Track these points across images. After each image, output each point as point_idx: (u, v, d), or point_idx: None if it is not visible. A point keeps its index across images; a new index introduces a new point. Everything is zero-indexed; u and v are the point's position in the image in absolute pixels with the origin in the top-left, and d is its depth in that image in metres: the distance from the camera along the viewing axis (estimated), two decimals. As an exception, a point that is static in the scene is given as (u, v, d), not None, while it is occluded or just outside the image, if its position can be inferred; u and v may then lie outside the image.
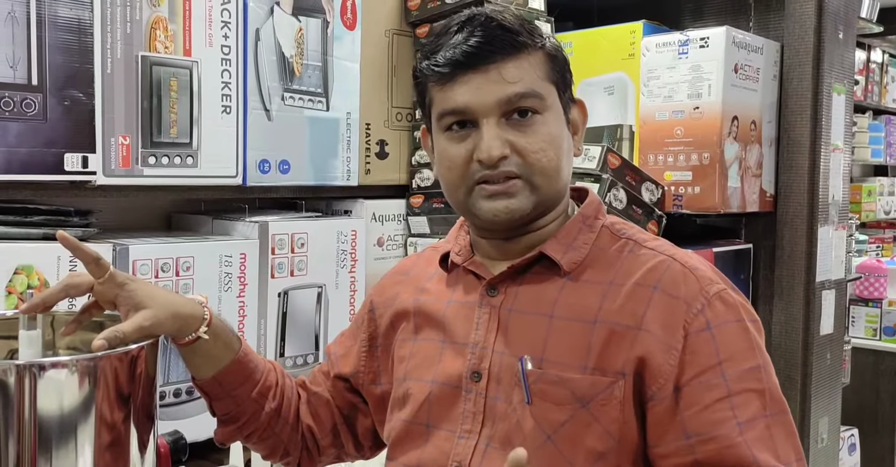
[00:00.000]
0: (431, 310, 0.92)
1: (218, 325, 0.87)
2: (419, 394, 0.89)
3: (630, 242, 0.86)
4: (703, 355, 0.79)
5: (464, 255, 0.92)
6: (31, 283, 1.28)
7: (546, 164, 0.83)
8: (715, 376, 0.78)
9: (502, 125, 0.82)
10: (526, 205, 0.84)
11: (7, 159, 1.27)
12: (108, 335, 0.75)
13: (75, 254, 0.84)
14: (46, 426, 0.71)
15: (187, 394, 1.49)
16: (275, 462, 0.99)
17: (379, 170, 1.85)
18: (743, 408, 0.78)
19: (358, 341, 1.01)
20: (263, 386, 0.92)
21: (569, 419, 0.80)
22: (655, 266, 0.82)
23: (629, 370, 0.79)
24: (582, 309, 0.82)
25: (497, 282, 0.87)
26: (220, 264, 1.53)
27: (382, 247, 1.87)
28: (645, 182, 1.60)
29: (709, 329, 0.79)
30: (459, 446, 0.84)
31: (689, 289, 0.81)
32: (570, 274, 0.84)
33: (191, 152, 1.50)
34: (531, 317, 0.84)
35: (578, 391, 0.80)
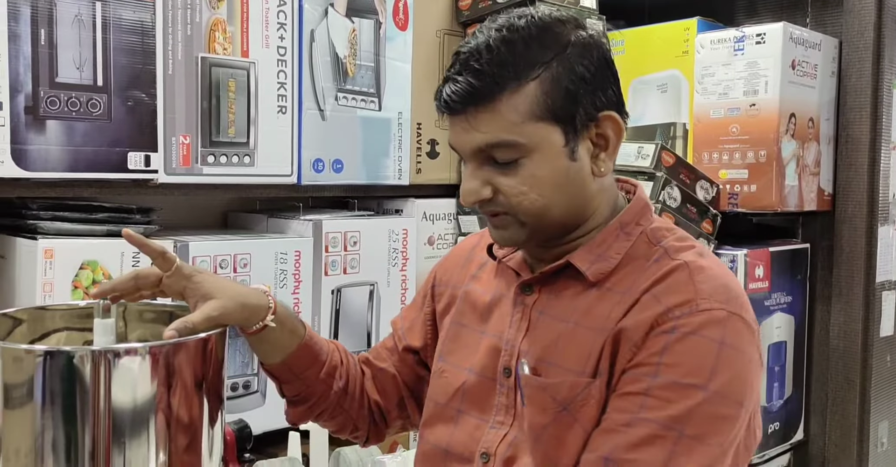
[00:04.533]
0: (476, 298, 0.94)
1: (283, 313, 0.89)
2: (455, 380, 0.91)
3: (661, 250, 0.84)
4: (649, 351, 0.77)
5: (507, 249, 0.93)
6: (95, 278, 1.32)
7: (528, 207, 0.82)
8: (647, 372, 0.76)
9: (484, 167, 0.82)
10: (519, 235, 0.84)
11: (74, 158, 1.31)
12: (178, 325, 0.77)
13: (142, 250, 0.86)
14: (120, 411, 0.73)
15: (244, 388, 1.52)
16: (344, 436, 1.02)
17: (430, 170, 1.86)
18: (647, 410, 0.75)
19: (422, 314, 1.03)
20: (329, 366, 0.94)
21: (551, 422, 0.81)
22: (665, 274, 0.81)
23: (604, 368, 0.79)
24: (596, 317, 0.82)
25: (531, 282, 0.88)
26: (275, 261, 1.56)
27: (433, 246, 1.88)
28: (700, 180, 1.58)
29: (672, 332, 0.76)
30: (490, 434, 0.86)
31: (680, 298, 0.78)
32: (597, 283, 0.84)
33: (248, 151, 1.53)
34: (555, 323, 0.84)
35: (559, 395, 0.80)
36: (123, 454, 0.73)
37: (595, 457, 0.76)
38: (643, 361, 0.77)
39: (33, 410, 0.72)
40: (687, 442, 0.74)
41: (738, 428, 0.77)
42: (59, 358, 0.71)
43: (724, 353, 0.76)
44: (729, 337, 0.77)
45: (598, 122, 0.83)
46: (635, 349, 0.78)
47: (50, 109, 1.28)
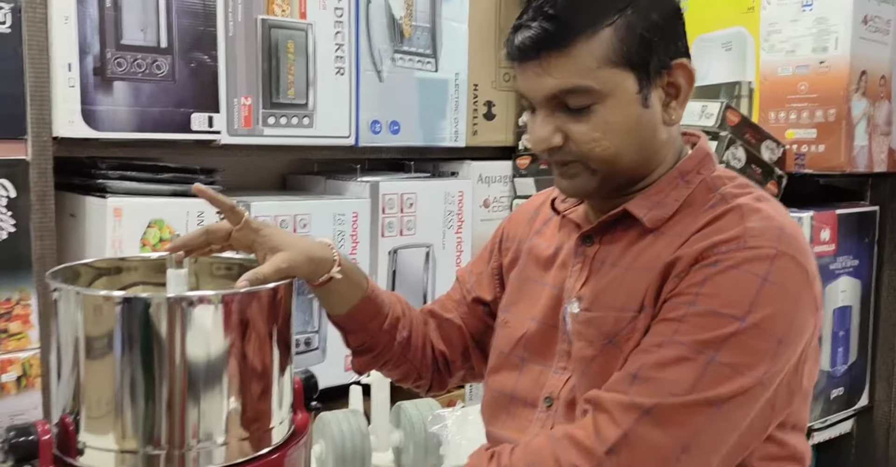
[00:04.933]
0: (540, 252, 0.96)
1: (347, 266, 0.91)
2: (518, 330, 0.93)
3: (718, 196, 0.83)
4: (690, 282, 0.76)
5: (569, 203, 0.94)
6: (162, 237, 1.36)
7: (600, 154, 0.81)
8: (685, 301, 0.76)
9: (556, 114, 0.82)
10: (589, 185, 0.84)
11: (140, 118, 1.34)
12: (249, 276, 0.79)
13: (212, 204, 0.88)
14: (195, 357, 0.75)
15: (305, 345, 1.55)
16: (407, 385, 1.05)
17: (486, 132, 1.85)
18: (680, 334, 0.75)
19: (489, 268, 1.04)
20: (393, 317, 0.97)
21: (598, 354, 0.82)
22: (718, 216, 0.80)
23: (649, 302, 0.80)
24: (647, 259, 0.82)
25: (591, 233, 0.89)
26: (333, 222, 1.58)
27: (489, 209, 1.88)
28: (765, 140, 1.54)
29: (714, 265, 0.76)
30: (553, 379, 0.88)
31: (730, 234, 0.77)
32: (654, 230, 0.84)
33: (307, 113, 1.54)
34: (614, 269, 0.85)
35: (604, 328, 0.82)
36: (198, 400, 0.76)
37: (623, 374, 0.77)
38: (683, 291, 0.77)
39: (113, 357, 0.75)
40: (718, 367, 0.73)
41: (780, 365, 0.76)
42: (137, 304, 0.73)
43: (767, 289, 0.75)
44: (774, 274, 0.75)
45: (671, 71, 0.83)
46: (677, 280, 0.78)
47: (117, 70, 1.31)
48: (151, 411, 0.75)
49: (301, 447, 0.86)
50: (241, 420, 0.78)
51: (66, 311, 0.76)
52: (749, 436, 0.77)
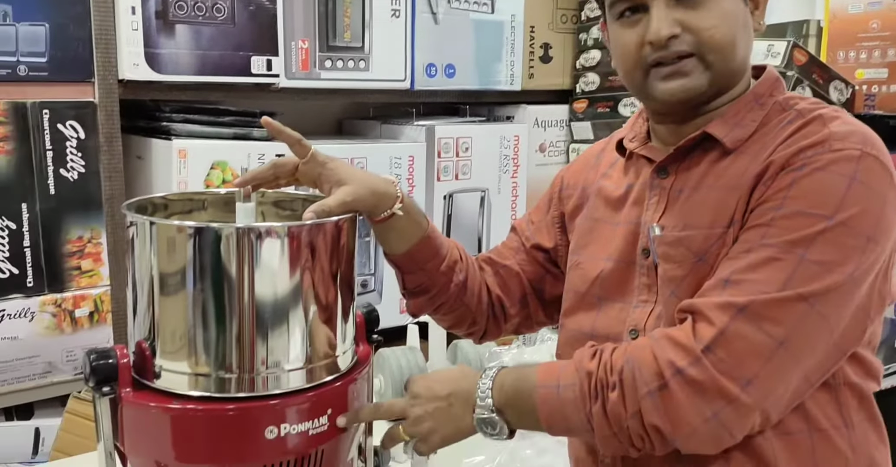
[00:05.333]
0: (610, 194, 0.95)
1: (408, 203, 0.91)
2: (592, 270, 0.93)
3: (794, 112, 0.83)
4: (776, 187, 0.76)
5: (638, 141, 0.94)
6: (225, 178, 1.39)
7: (720, 40, 0.81)
8: (772, 206, 0.76)
9: (671, 5, 0.82)
10: (701, 83, 0.83)
11: (201, 62, 1.36)
12: (315, 208, 0.80)
13: (280, 137, 0.89)
14: (262, 287, 0.77)
15: (362, 287, 1.59)
16: (461, 331, 1.05)
17: (542, 75, 1.83)
18: (768, 237, 0.75)
19: (549, 217, 1.04)
20: (450, 260, 0.97)
21: (688, 273, 0.82)
22: (800, 126, 0.80)
23: (738, 216, 0.80)
24: (732, 177, 0.82)
25: (667, 163, 0.88)
26: (390, 166, 1.59)
27: (544, 153, 1.87)
28: (833, 80, 1.49)
29: (801, 169, 0.76)
30: (636, 313, 0.88)
31: (815, 139, 0.77)
32: (733, 151, 0.84)
33: (363, 56, 1.55)
34: (694, 194, 0.85)
35: (693, 246, 0.82)
36: (266, 327, 0.78)
37: (715, 281, 0.77)
38: (770, 197, 0.77)
39: (185, 285, 0.77)
40: (809, 265, 0.73)
41: (870, 262, 0.76)
42: (208, 233, 0.76)
43: (855, 188, 0.75)
44: (861, 174, 0.75)
45: None
46: (764, 188, 0.78)
47: (178, 14, 1.33)
48: (222, 338, 0.78)
49: (364, 377, 0.89)
50: (306, 348, 0.81)
51: (141, 242, 0.80)
52: (844, 340, 0.78)
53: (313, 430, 0.81)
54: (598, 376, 0.77)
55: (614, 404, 0.76)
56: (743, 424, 0.75)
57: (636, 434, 0.76)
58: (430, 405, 0.84)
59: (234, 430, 0.78)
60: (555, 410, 0.79)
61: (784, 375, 0.74)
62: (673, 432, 0.74)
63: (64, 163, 1.27)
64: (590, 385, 0.77)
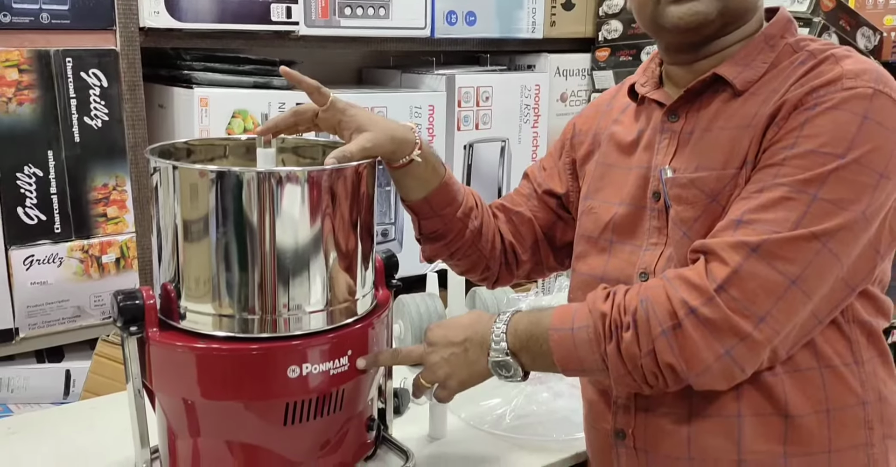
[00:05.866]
0: (621, 139, 0.96)
1: (427, 150, 0.92)
2: (604, 214, 0.94)
3: (806, 53, 0.83)
4: (789, 127, 0.77)
5: (650, 86, 0.94)
6: (246, 127, 1.40)
7: None
8: (784, 145, 0.76)
9: None
10: (711, 9, 0.82)
11: (221, 9, 1.35)
12: (336, 154, 0.82)
13: (299, 86, 0.90)
14: (283, 231, 0.79)
15: (382, 236, 1.60)
16: (474, 277, 1.07)
17: (564, 22, 1.81)
18: (781, 177, 0.75)
19: (561, 163, 1.05)
20: (466, 206, 0.99)
21: (701, 214, 0.82)
22: (813, 66, 0.80)
23: (751, 157, 0.80)
24: (743, 117, 0.82)
25: (677, 107, 0.89)
26: (410, 115, 1.59)
27: (566, 103, 1.85)
28: (861, 27, 1.46)
29: (813, 108, 0.76)
30: (646, 255, 0.89)
31: (828, 77, 0.77)
32: (744, 92, 0.84)
33: (383, 3, 1.53)
34: (706, 135, 0.85)
35: (706, 187, 0.82)
36: (287, 270, 0.80)
37: (727, 221, 0.78)
38: (782, 137, 0.77)
39: (208, 229, 0.79)
40: (821, 204, 0.74)
41: (884, 199, 0.77)
42: (230, 177, 0.77)
43: (867, 126, 0.75)
44: (873, 112, 0.75)
45: None
46: (777, 128, 0.78)
47: (197, -41, 1.32)
48: (245, 280, 0.80)
49: (383, 320, 0.91)
50: (327, 291, 0.83)
51: (164, 188, 0.81)
52: (853, 277, 0.79)
53: (334, 370, 0.83)
54: (612, 317, 0.79)
55: (629, 344, 0.77)
56: (754, 360, 0.77)
57: (650, 372, 0.77)
58: (446, 351, 0.87)
59: (258, 369, 0.81)
60: (569, 352, 0.81)
61: (795, 312, 0.76)
62: (687, 370, 0.76)
63: (88, 112, 1.29)
64: (604, 325, 0.79)
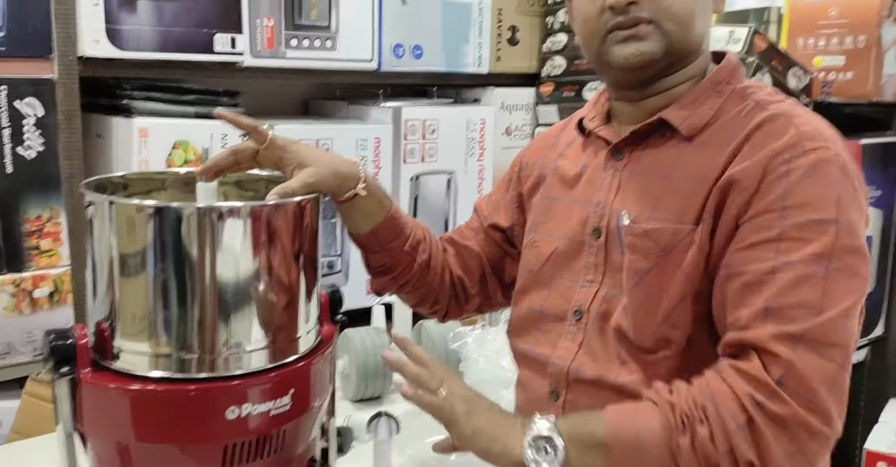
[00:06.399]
0: (566, 172, 0.97)
1: (372, 184, 0.92)
2: (546, 248, 0.94)
3: (752, 103, 0.85)
4: (772, 196, 0.77)
5: (598, 121, 0.95)
6: (187, 158, 1.38)
7: (677, 11, 0.83)
8: (774, 218, 0.76)
9: None
10: (656, 48, 0.84)
11: (164, 38, 1.34)
12: (278, 190, 0.80)
13: (236, 127, 0.89)
14: (224, 268, 0.77)
15: (328, 268, 1.58)
16: (423, 310, 1.07)
17: (509, 58, 1.83)
18: (789, 253, 0.75)
19: (508, 196, 1.06)
20: (414, 239, 0.98)
21: (654, 266, 0.83)
22: (763, 121, 0.82)
23: (708, 215, 0.81)
24: (694, 169, 0.83)
25: (622, 146, 0.90)
26: (356, 147, 1.58)
27: (510, 136, 1.88)
28: (792, 67, 1.52)
29: (787, 176, 0.77)
30: (581, 293, 0.89)
31: (784, 141, 0.79)
32: (689, 138, 0.85)
33: (329, 35, 1.53)
34: (649, 179, 0.87)
35: (661, 240, 0.83)
36: (228, 307, 0.78)
37: (753, 312, 0.76)
38: (766, 208, 0.77)
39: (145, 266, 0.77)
40: (836, 275, 0.75)
41: (868, 260, 0.79)
42: (168, 213, 0.75)
43: (843, 187, 0.78)
44: (842, 171, 0.79)
45: None
46: (749, 197, 0.78)
47: (139, -11, 1.30)
48: (183, 318, 0.77)
49: (327, 357, 0.89)
50: (268, 328, 0.81)
51: (100, 222, 0.79)
52: None
53: (275, 410, 0.81)
54: (682, 409, 0.75)
55: (703, 439, 0.73)
56: (825, 454, 0.76)
57: None
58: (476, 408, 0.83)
59: (195, 410, 0.78)
60: (627, 443, 0.76)
61: (846, 393, 0.76)
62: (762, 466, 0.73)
63: (21, 142, 1.25)
64: (674, 417, 0.75)
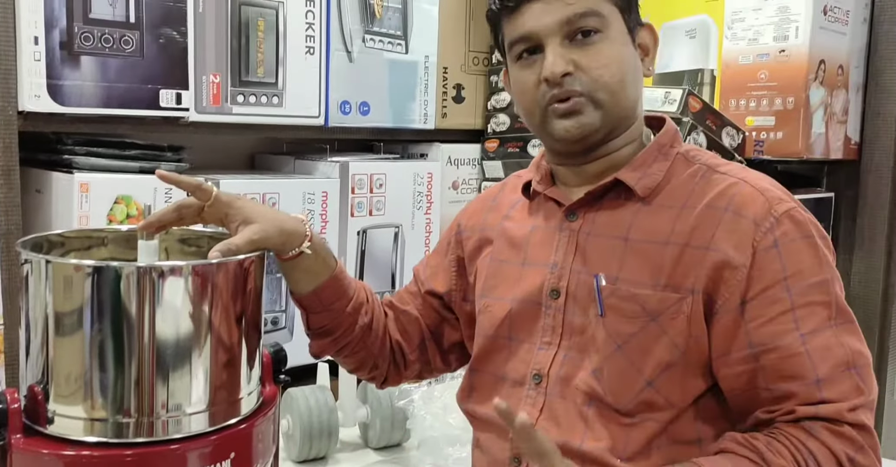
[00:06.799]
0: (514, 234, 0.97)
1: (318, 242, 0.91)
2: (499, 311, 0.94)
3: (703, 167, 0.89)
4: (770, 271, 0.81)
5: (544, 183, 0.97)
6: (129, 213, 1.35)
7: (608, 80, 0.86)
8: (780, 291, 0.81)
9: (566, 45, 0.86)
10: (594, 120, 0.87)
11: (107, 94, 1.33)
12: (221, 247, 0.80)
13: (178, 187, 0.88)
14: (164, 328, 0.76)
15: (272, 324, 1.56)
16: (363, 375, 1.05)
17: (455, 114, 1.87)
18: (806, 320, 0.81)
19: (446, 261, 1.05)
20: (356, 301, 0.97)
21: (638, 331, 0.84)
22: (726, 188, 0.85)
23: (699, 287, 0.83)
24: (655, 231, 0.86)
25: (576, 207, 0.92)
26: (303, 201, 1.58)
27: (457, 191, 1.90)
28: (726, 127, 1.58)
29: (776, 246, 0.82)
30: (539, 356, 0.89)
31: (758, 208, 0.83)
32: (644, 199, 0.88)
33: (276, 92, 1.54)
34: (607, 240, 0.88)
35: (648, 306, 0.84)
36: (167, 370, 0.77)
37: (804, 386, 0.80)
38: (770, 283, 0.81)
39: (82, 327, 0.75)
40: (848, 327, 0.82)
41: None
42: (108, 273, 0.74)
43: (819, 240, 0.84)
44: (811, 226, 0.84)
45: (641, 29, 0.91)
46: (746, 273, 0.82)
47: (84, 45, 1.30)
48: (120, 380, 0.75)
49: (269, 419, 0.87)
50: (209, 390, 0.79)
51: (36, 281, 0.77)
52: None
53: (215, 475, 0.79)
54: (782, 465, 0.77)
55: None
56: None
57: None
58: None
59: (132, 477, 0.75)
60: None
61: None
62: None
63: (-44, 197, 1.22)
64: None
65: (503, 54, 0.94)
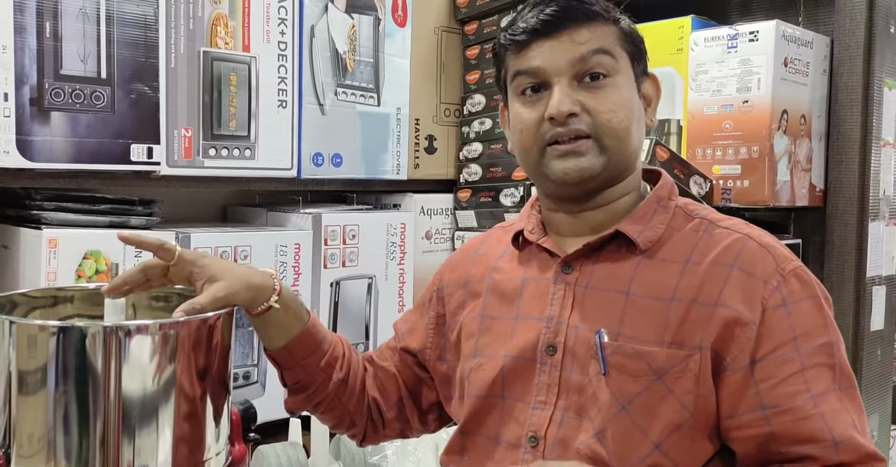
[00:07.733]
0: (505, 288, 0.93)
1: (288, 296, 0.90)
2: (492, 370, 0.90)
3: (705, 222, 0.88)
4: (779, 330, 0.81)
5: (537, 233, 0.93)
6: (98, 268, 1.34)
7: (616, 125, 0.85)
8: (790, 351, 0.80)
9: (574, 86, 0.85)
10: (595, 164, 0.85)
11: (77, 149, 1.33)
12: (186, 307, 0.78)
13: (140, 248, 0.87)
14: (131, 386, 0.75)
15: (244, 379, 1.54)
16: (341, 432, 1.02)
17: (427, 165, 1.89)
18: (816, 382, 0.80)
19: (425, 318, 1.03)
20: (331, 356, 0.95)
21: (644, 390, 0.81)
22: (731, 244, 0.84)
23: (706, 344, 0.81)
24: (659, 286, 0.83)
25: (572, 259, 0.89)
26: (275, 253, 1.58)
27: (430, 241, 1.90)
28: (693, 175, 1.61)
29: (784, 305, 0.81)
30: (534, 416, 0.86)
31: (765, 266, 0.83)
32: (645, 252, 0.86)
33: (248, 145, 1.55)
34: (607, 294, 0.85)
35: (654, 363, 0.81)
36: (133, 431, 0.75)
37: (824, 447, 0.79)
38: (780, 344, 0.81)
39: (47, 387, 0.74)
40: (849, 392, 0.83)
41: None
42: (73, 333, 0.73)
43: (823, 303, 0.84)
44: (816, 286, 0.85)
45: (646, 79, 0.92)
46: (756, 330, 0.81)
47: (54, 101, 1.30)
48: (85, 441, 0.74)
49: (238, 478, 0.86)
50: (176, 452, 0.78)
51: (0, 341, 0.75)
52: None
53: (181, 540, 0.77)
54: None
55: None
56: None
57: None
58: None
59: (93, 544, 0.73)
60: None
61: None
62: None
63: (-81, 254, 1.20)
64: None
65: (504, 91, 0.93)
